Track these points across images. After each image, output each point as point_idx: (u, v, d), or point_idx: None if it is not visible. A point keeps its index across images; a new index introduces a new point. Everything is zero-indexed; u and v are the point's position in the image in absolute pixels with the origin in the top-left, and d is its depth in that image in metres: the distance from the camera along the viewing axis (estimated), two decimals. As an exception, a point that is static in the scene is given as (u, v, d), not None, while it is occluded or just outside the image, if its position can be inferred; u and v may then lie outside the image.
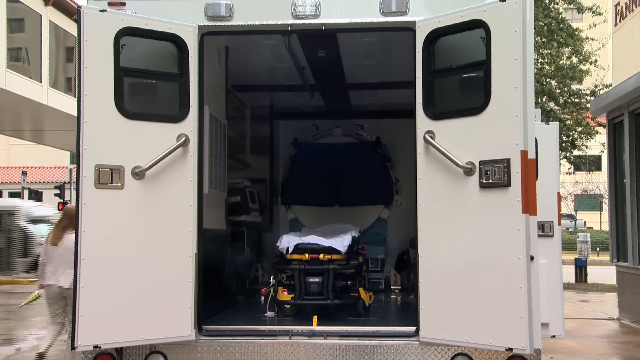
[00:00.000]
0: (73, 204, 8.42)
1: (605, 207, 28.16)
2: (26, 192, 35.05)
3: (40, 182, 45.95)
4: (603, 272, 19.25)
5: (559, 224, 7.45)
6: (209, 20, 4.86)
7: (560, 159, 22.91)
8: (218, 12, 4.84)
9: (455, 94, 4.67)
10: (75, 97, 4.67)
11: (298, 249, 5.60)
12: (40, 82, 23.23)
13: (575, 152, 21.30)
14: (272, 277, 5.88)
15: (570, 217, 50.78)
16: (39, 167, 49.69)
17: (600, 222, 45.79)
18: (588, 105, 18.20)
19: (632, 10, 12.73)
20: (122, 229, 4.53)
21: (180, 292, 4.64)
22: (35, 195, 38.28)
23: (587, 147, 21.29)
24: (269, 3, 4.99)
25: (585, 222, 50.19)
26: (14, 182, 44.54)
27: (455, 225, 4.50)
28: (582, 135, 20.51)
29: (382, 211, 8.51)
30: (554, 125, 7.95)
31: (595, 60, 20.09)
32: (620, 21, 13.47)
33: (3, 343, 11.12)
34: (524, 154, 4.29)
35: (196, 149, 4.78)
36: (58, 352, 9.92)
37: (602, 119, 15.56)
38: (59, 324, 8.25)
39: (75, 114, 4.58)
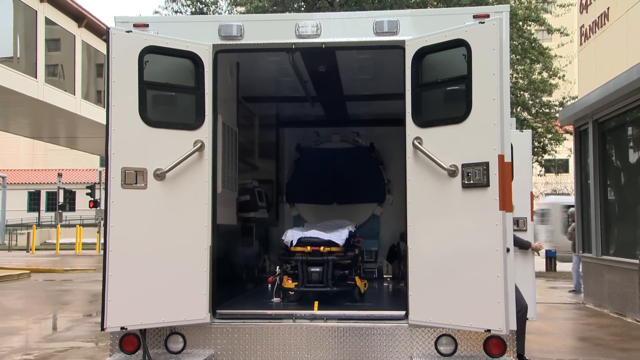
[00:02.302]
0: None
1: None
2: (61, 192, 35.10)
3: (73, 182, 46.03)
4: (570, 262, 19.25)
5: (532, 219, 7.45)
6: (222, 39, 4.85)
7: (532, 162, 22.97)
8: (230, 32, 4.84)
9: (440, 105, 4.66)
10: (104, 108, 4.65)
11: (301, 242, 5.58)
12: (74, 94, 23.30)
13: (546, 157, 21.35)
14: (277, 267, 5.86)
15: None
16: (73, 170, 49.77)
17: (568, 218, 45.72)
18: (557, 115, 18.21)
19: (595, 32, 12.73)
20: (145, 225, 4.52)
21: (197, 280, 4.63)
22: (70, 195, 38.37)
23: (556, 152, 21.33)
24: (275, 24, 4.99)
25: (554, 218, 50.11)
26: (51, 183, 44.60)
27: (440, 221, 4.49)
28: (552, 142, 20.56)
29: (376, 208, 8.50)
30: (528, 133, 7.95)
31: (563, 75, 20.12)
32: (584, 41, 13.47)
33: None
34: (501, 157, 4.29)
35: (211, 153, 4.77)
36: (90, 333, 9.93)
37: (570, 127, 15.57)
38: None
39: (105, 123, 4.57)
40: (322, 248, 5.51)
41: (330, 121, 8.54)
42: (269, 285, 5.86)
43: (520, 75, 19.80)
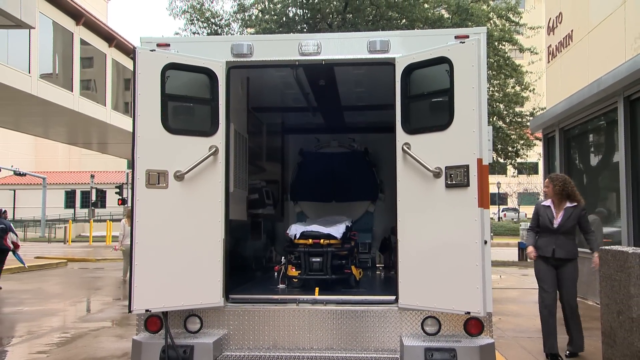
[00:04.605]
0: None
1: (541, 202, 28.03)
2: (94, 191, 35.06)
3: (104, 183, 46.02)
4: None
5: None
6: (234, 56, 4.83)
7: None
8: (241, 50, 4.82)
9: (426, 114, 4.63)
10: (131, 117, 4.63)
11: (304, 235, 5.55)
12: (105, 105, 23.30)
13: (519, 160, 21.31)
14: (283, 258, 5.83)
15: (515, 210, 50.84)
16: (104, 172, 49.74)
17: (537, 214, 45.71)
18: (528, 123, 18.17)
19: (560, 51, 12.70)
20: (166, 220, 4.49)
21: (212, 269, 4.61)
22: (101, 193, 38.35)
23: (527, 156, 21.29)
24: (280, 43, 4.96)
25: (526, 214, 50.16)
26: (85, 183, 44.58)
27: (426, 216, 4.46)
28: (524, 147, 20.52)
29: (370, 206, 8.47)
30: (488, 128, 7.82)
31: (534, 89, 20.08)
32: (551, 59, 13.44)
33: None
34: (479, 161, 4.26)
35: (224, 157, 4.75)
36: (119, 314, 9.90)
37: (539, 134, 15.52)
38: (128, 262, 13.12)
39: (131, 130, 4.56)
40: (322, 241, 5.48)
41: (329, 129, 8.52)
42: (275, 274, 5.84)
43: (496, 88, 19.77)
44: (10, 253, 13.33)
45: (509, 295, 11.57)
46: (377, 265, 7.96)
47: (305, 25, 17.39)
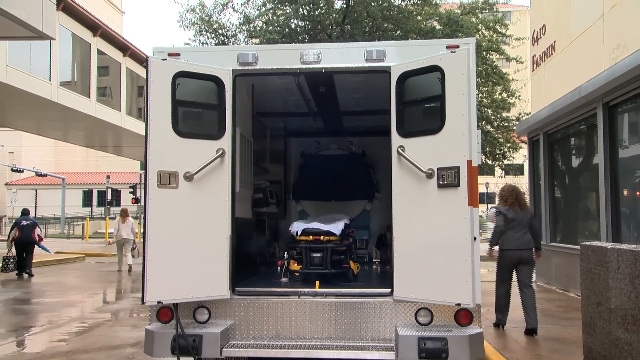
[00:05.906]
0: (124, 206, 17.46)
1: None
2: (109, 190, 35.02)
3: (119, 183, 45.93)
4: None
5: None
6: (240, 65, 4.82)
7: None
8: (247, 59, 4.81)
9: (419, 119, 4.62)
10: (144, 122, 4.62)
11: (305, 232, 5.53)
12: (120, 111, 23.29)
13: (505, 162, 21.31)
14: (285, 253, 5.81)
15: (501, 208, 50.50)
16: (118, 172, 49.64)
17: (522, 211, 45.60)
18: (514, 127, 18.16)
19: (544, 61, 12.69)
20: (177, 218, 4.48)
21: (219, 263, 4.60)
22: (116, 193, 38.33)
23: (513, 158, 21.31)
24: (283, 53, 4.95)
25: (511, 212, 49.98)
26: (101, 183, 44.52)
27: (420, 214, 4.45)
28: (510, 149, 20.53)
29: (367, 204, 8.45)
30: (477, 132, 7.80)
31: (519, 96, 20.09)
32: (536, 68, 13.43)
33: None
34: (469, 162, 4.25)
35: (230, 159, 4.73)
36: (132, 306, 9.88)
37: (524, 138, 15.51)
38: (126, 254, 15.06)
39: (144, 134, 4.54)
40: (322, 237, 5.46)
41: (329, 132, 8.50)
42: (279, 268, 5.82)
43: (484, 95, 19.77)
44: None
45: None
46: (373, 260, 7.94)
47: (306, 35, 17.37)
